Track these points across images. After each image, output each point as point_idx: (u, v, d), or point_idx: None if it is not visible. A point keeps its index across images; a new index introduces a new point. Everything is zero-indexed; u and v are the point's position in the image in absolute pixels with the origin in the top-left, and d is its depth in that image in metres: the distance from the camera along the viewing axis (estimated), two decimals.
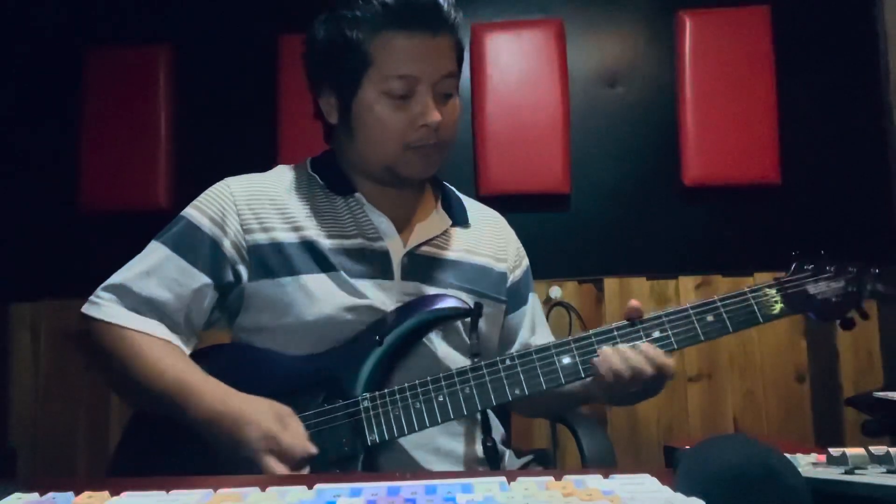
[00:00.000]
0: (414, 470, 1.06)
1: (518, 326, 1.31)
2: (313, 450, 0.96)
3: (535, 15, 2.54)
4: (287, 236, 1.12)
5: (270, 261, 1.10)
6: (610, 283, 2.45)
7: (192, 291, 1.09)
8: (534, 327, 1.32)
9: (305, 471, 0.95)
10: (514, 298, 1.30)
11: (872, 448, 0.65)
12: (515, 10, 2.55)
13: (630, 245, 2.47)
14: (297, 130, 2.40)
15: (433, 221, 1.21)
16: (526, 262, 1.34)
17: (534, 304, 1.34)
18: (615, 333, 1.05)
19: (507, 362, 1.04)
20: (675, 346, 1.05)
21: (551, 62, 2.46)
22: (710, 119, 2.42)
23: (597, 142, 2.51)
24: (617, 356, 1.01)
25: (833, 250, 1.10)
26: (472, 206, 1.31)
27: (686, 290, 2.44)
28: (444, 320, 1.12)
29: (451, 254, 1.20)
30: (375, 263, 1.13)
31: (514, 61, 2.47)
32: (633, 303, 1.06)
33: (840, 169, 2.44)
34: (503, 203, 1.34)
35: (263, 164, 1.25)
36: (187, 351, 1.10)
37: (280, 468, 0.93)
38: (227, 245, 1.11)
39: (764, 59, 2.43)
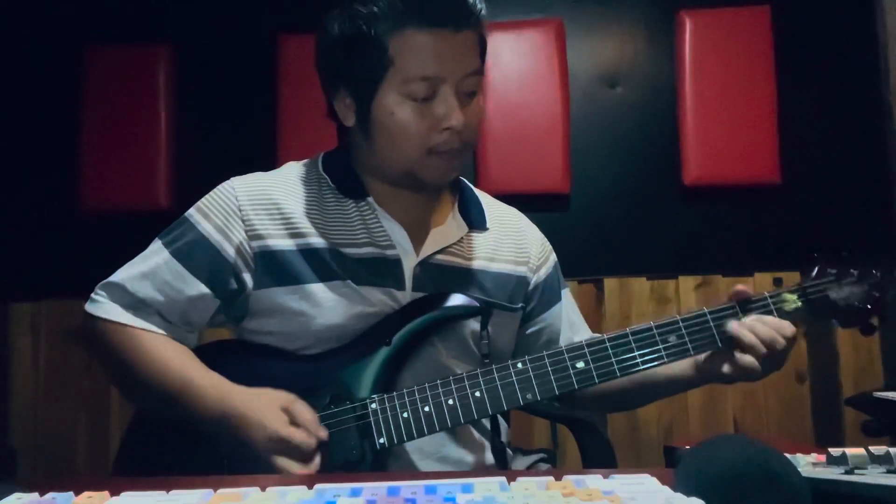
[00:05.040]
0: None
1: (557, 325, 1.25)
2: (323, 434, 0.95)
3: (535, 15, 2.53)
4: (294, 243, 1.08)
5: (277, 268, 1.07)
6: (610, 283, 2.45)
7: (188, 298, 1.07)
8: (573, 325, 1.27)
9: (316, 462, 0.94)
10: (544, 297, 1.24)
11: (872, 448, 0.64)
12: (515, 10, 2.55)
13: (630, 245, 2.47)
14: (297, 130, 2.40)
15: (449, 227, 1.16)
16: (553, 258, 1.29)
17: (567, 300, 1.28)
18: (630, 338, 1.03)
19: (519, 366, 1.02)
20: (692, 353, 1.04)
21: (551, 62, 2.46)
22: (710, 119, 2.42)
23: (597, 142, 2.50)
24: (758, 323, 1.01)
25: (852, 250, 1.05)
26: (491, 206, 1.25)
27: (686, 290, 2.44)
28: (452, 319, 1.09)
29: (467, 262, 1.15)
30: (386, 273, 1.09)
31: (514, 61, 2.47)
32: (739, 287, 1.06)
33: (840, 169, 2.44)
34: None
35: (263, 164, 1.24)
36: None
37: (293, 466, 0.92)
38: (231, 252, 1.07)
39: (764, 59, 2.43)
